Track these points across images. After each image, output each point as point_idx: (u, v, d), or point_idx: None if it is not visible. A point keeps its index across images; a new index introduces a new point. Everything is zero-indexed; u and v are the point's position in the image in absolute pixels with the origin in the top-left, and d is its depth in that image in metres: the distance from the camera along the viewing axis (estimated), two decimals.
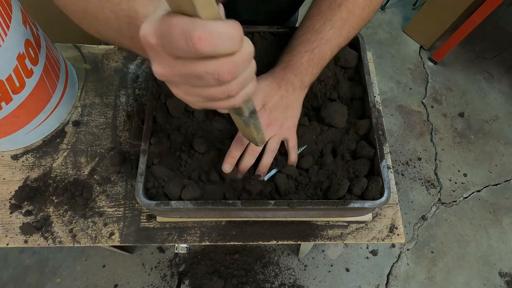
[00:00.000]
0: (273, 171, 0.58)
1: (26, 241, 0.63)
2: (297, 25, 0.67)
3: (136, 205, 0.67)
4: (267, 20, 0.74)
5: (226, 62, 0.28)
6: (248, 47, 0.29)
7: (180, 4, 0.25)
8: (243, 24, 0.28)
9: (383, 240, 0.67)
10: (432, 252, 1.54)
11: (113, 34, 0.40)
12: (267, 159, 0.56)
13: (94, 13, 0.40)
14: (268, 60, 0.64)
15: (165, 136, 0.60)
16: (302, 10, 0.78)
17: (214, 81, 0.29)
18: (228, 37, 0.26)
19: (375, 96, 0.76)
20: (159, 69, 0.29)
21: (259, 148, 0.55)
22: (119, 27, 0.38)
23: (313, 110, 0.64)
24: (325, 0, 0.56)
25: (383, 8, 2.15)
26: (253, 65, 0.32)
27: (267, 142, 0.56)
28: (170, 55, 0.27)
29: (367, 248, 1.53)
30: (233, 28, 0.26)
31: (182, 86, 0.31)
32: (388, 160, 0.71)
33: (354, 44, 0.65)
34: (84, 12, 0.41)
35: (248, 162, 0.56)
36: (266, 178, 0.58)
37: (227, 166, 0.55)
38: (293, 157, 0.58)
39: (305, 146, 0.61)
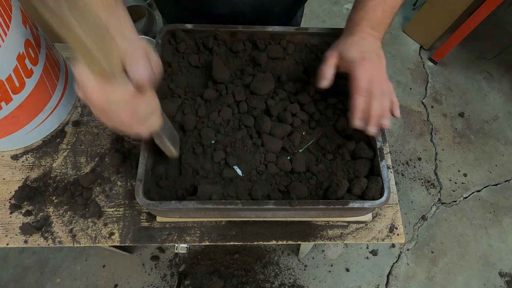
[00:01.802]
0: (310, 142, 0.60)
1: (26, 241, 0.63)
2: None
3: (136, 205, 0.67)
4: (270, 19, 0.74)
5: (124, 113, 0.40)
6: (142, 103, 0.41)
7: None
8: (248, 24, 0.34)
9: (383, 240, 0.67)
10: (432, 252, 1.54)
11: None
12: (387, 103, 0.54)
13: None
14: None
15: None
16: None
17: (119, 123, 0.41)
18: (118, 100, 0.38)
19: None
20: (79, 93, 0.39)
21: (379, 92, 0.53)
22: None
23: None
24: None
25: None
26: (155, 110, 0.44)
27: (381, 86, 0.54)
28: None
29: (367, 248, 1.53)
30: (123, 92, 0.38)
31: (96, 111, 0.41)
32: (388, 160, 0.71)
33: None
34: None
35: (376, 109, 0.53)
36: (301, 150, 0.60)
37: (358, 121, 0.54)
38: (394, 99, 0.55)
39: (306, 145, 0.61)
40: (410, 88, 1.91)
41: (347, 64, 0.55)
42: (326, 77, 0.56)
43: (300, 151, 0.61)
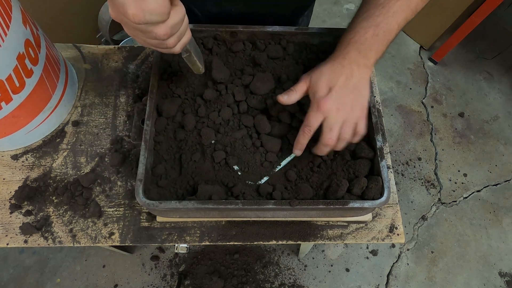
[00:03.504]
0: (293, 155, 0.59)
1: (26, 241, 0.63)
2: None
3: (136, 205, 0.67)
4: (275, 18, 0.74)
5: (160, 27, 0.39)
6: (176, 16, 0.40)
7: None
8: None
9: (383, 240, 0.67)
10: (432, 252, 1.54)
11: None
12: (341, 146, 0.54)
13: None
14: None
15: (165, 135, 0.60)
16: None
17: (154, 39, 0.40)
18: (155, 13, 0.36)
19: (375, 96, 0.76)
20: (113, 13, 0.39)
21: (332, 137, 0.52)
22: None
23: None
24: None
25: None
26: (185, 23, 0.43)
27: (339, 130, 0.52)
28: None
29: (367, 248, 1.53)
30: (159, 5, 0.36)
31: (130, 30, 0.41)
32: (388, 160, 0.71)
33: None
34: None
35: (323, 151, 0.54)
36: (282, 164, 0.59)
37: (298, 152, 0.56)
38: (355, 140, 0.55)
39: (293, 155, 0.61)
40: (410, 88, 1.91)
41: (311, 95, 0.53)
42: (289, 100, 0.54)
43: (286, 161, 0.60)
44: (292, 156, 0.60)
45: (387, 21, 0.52)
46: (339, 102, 0.51)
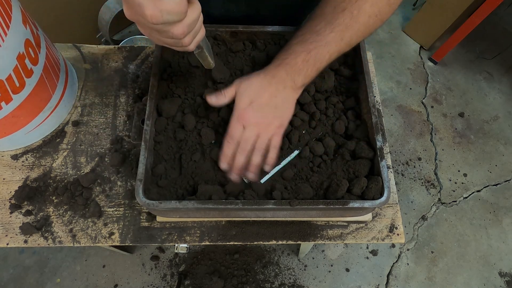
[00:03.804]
0: (295, 153, 0.59)
1: (26, 241, 0.63)
2: None
3: (136, 205, 0.67)
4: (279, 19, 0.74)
5: (177, 26, 0.39)
6: (192, 14, 0.40)
7: None
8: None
9: (383, 240, 0.67)
10: (432, 252, 1.54)
11: None
12: (256, 159, 0.55)
13: None
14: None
15: (165, 135, 0.60)
16: None
17: (170, 38, 0.40)
18: (173, 13, 0.36)
19: (375, 96, 0.76)
20: (128, 13, 0.38)
21: (248, 146, 0.55)
22: None
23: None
24: (330, 2, 0.54)
25: None
26: (200, 21, 0.43)
27: (254, 141, 0.55)
28: None
29: (367, 248, 1.53)
30: (177, 5, 0.36)
31: (146, 30, 0.41)
32: (388, 160, 0.71)
33: None
34: None
35: (239, 161, 0.55)
36: (263, 180, 0.58)
37: (224, 165, 0.56)
38: (270, 155, 0.57)
39: (297, 151, 0.61)
40: (410, 88, 1.91)
41: (235, 103, 0.55)
42: (216, 102, 0.56)
43: (291, 158, 0.60)
44: (292, 156, 0.60)
45: (319, 50, 0.53)
46: (258, 116, 0.54)
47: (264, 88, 0.54)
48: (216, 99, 0.56)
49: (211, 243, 0.65)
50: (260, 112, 0.54)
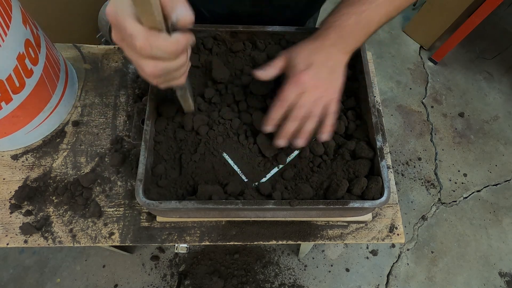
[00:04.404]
0: (295, 153, 0.59)
1: (26, 241, 0.63)
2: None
3: (136, 205, 0.67)
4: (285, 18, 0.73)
5: (158, 64, 0.37)
6: (181, 60, 0.38)
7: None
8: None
9: (383, 240, 0.67)
10: (432, 252, 1.54)
11: None
12: (310, 125, 0.52)
13: None
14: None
15: (165, 135, 0.60)
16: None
17: (152, 67, 0.38)
18: (164, 51, 0.35)
19: (375, 96, 0.76)
20: (115, 37, 0.37)
21: (302, 112, 0.51)
22: None
23: None
24: None
25: None
26: (184, 67, 0.41)
27: (312, 107, 0.51)
28: None
29: (367, 248, 1.53)
30: (171, 44, 0.35)
31: (127, 52, 0.38)
32: (388, 160, 0.71)
33: None
34: None
35: (291, 126, 0.52)
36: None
37: (269, 128, 0.53)
38: (328, 122, 0.53)
39: (297, 151, 0.61)
40: (410, 88, 1.91)
41: (289, 70, 0.52)
42: (265, 75, 0.53)
43: (290, 158, 0.60)
44: (293, 156, 0.60)
45: (371, 11, 0.51)
46: (317, 78, 0.51)
47: (318, 51, 0.52)
48: (264, 72, 0.53)
49: (211, 243, 0.65)
50: (318, 75, 0.51)
